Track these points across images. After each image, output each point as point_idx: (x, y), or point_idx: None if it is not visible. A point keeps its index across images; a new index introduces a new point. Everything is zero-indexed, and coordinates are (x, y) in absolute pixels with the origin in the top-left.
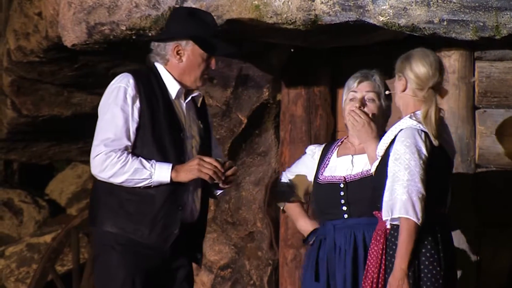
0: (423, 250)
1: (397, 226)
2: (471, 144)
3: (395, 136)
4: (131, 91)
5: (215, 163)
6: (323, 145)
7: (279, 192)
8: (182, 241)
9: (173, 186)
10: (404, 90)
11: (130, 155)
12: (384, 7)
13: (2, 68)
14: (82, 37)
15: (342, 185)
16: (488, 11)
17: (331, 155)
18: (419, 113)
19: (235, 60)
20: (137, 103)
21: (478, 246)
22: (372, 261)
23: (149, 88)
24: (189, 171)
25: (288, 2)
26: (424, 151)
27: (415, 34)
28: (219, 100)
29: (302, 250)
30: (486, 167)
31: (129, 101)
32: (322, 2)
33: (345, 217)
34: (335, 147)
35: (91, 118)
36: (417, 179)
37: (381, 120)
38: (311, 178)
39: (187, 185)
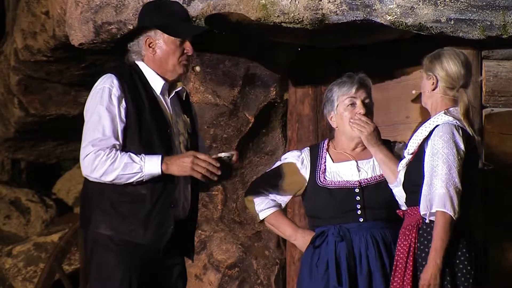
0: (458, 249)
1: (431, 221)
2: (478, 144)
3: (430, 133)
4: (115, 91)
5: (209, 160)
6: (305, 151)
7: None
8: (175, 238)
9: (164, 184)
10: (434, 89)
11: (118, 151)
12: (391, 6)
13: (9, 67)
14: (89, 36)
15: (357, 190)
16: (496, 10)
17: (324, 160)
18: (453, 110)
19: (242, 59)
20: (123, 103)
21: (485, 245)
22: (401, 256)
23: (133, 87)
24: (182, 167)
25: (295, 1)
26: (462, 146)
27: (422, 33)
28: (226, 99)
29: None
30: (493, 166)
31: (115, 101)
32: (329, 1)
33: (361, 221)
34: (324, 152)
35: None
36: (455, 174)
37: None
38: (302, 184)
39: (178, 181)
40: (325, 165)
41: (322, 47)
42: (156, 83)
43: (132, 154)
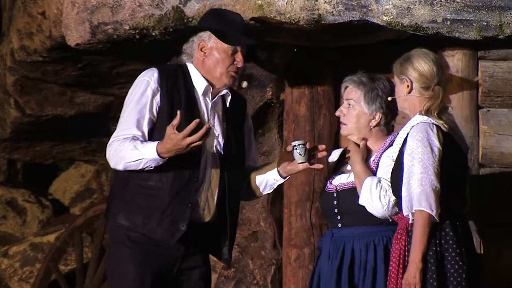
0: (446, 246)
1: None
2: (475, 144)
3: (407, 135)
4: (153, 84)
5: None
6: (341, 150)
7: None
8: (196, 241)
9: (185, 183)
10: (409, 92)
11: (128, 140)
12: (388, 6)
13: (5, 67)
14: (85, 37)
15: (335, 194)
16: (492, 11)
17: (344, 162)
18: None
19: None
20: (157, 97)
21: (481, 245)
22: (394, 260)
23: (173, 84)
24: (168, 141)
25: (291, 1)
26: (437, 143)
27: (418, 33)
28: None
29: (306, 249)
30: (489, 167)
31: (149, 93)
32: (325, 2)
33: (339, 226)
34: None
35: (94, 118)
36: (431, 172)
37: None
38: None
39: (202, 182)
40: (341, 167)
41: (319, 48)
42: (199, 84)
43: (138, 142)
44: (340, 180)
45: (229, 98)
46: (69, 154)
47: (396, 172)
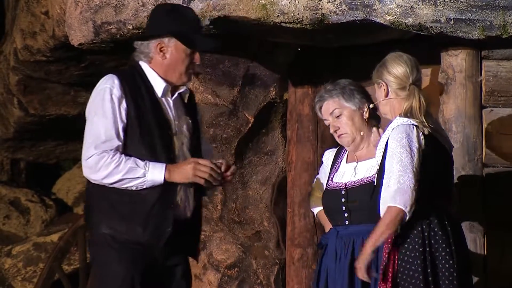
0: (436, 246)
1: (406, 223)
2: (478, 143)
3: (388, 138)
4: (116, 91)
5: (211, 165)
6: (331, 151)
7: (317, 198)
8: (178, 238)
9: (164, 185)
10: (386, 95)
11: (123, 155)
12: (391, 6)
13: (9, 67)
14: (89, 36)
15: (343, 192)
16: (495, 10)
17: (341, 161)
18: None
19: (242, 59)
20: (124, 103)
21: (485, 246)
22: (384, 263)
23: (135, 88)
24: (184, 175)
25: (295, 1)
26: (416, 144)
27: (422, 33)
28: (226, 99)
29: (309, 249)
30: (493, 167)
31: (116, 101)
32: (329, 1)
33: (347, 223)
34: (345, 152)
35: None
36: (409, 171)
37: (366, 122)
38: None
39: (180, 183)
40: (339, 166)
41: (322, 47)
42: (158, 85)
43: (137, 159)
44: (347, 178)
45: (187, 95)
46: (72, 154)
47: (380, 175)
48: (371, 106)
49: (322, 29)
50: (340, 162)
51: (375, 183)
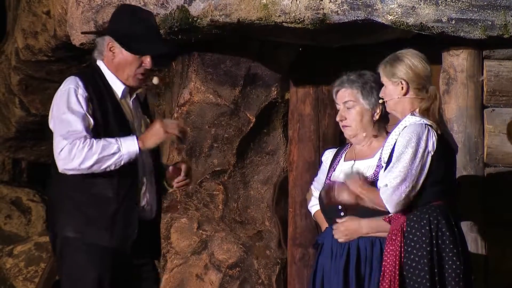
0: (443, 246)
1: (414, 222)
2: (480, 143)
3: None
4: (82, 92)
5: (177, 122)
6: (336, 149)
7: (314, 198)
8: (143, 238)
9: (129, 185)
10: (405, 94)
11: (93, 139)
12: (393, 6)
13: (10, 67)
14: (90, 36)
15: None
16: (497, 10)
17: (340, 159)
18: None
19: (243, 59)
20: (90, 104)
21: (486, 246)
22: (389, 261)
23: (97, 90)
24: (156, 136)
25: (296, 1)
26: (423, 145)
27: (423, 33)
28: (227, 99)
29: (311, 249)
30: (494, 166)
31: (82, 101)
32: (330, 1)
33: None
34: (344, 151)
35: None
36: (410, 174)
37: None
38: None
39: (142, 183)
40: (336, 165)
41: (323, 47)
42: (117, 87)
43: (107, 138)
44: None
45: (143, 96)
46: None
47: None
48: (380, 101)
49: (323, 29)
50: (339, 161)
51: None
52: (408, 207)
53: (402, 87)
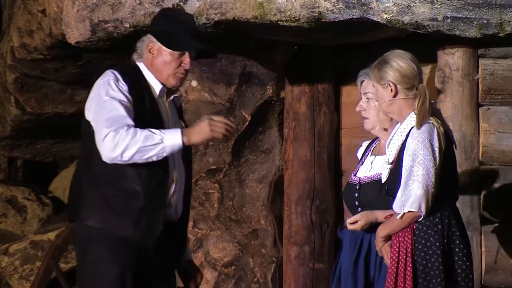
0: (452, 246)
1: (425, 221)
2: (475, 142)
3: (406, 137)
4: (121, 84)
5: (226, 120)
6: (369, 141)
7: None
8: (167, 238)
9: (159, 182)
10: (395, 96)
11: (137, 128)
12: (388, 4)
13: (6, 65)
14: (85, 35)
15: (357, 187)
16: (492, 9)
17: (368, 153)
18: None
19: (239, 58)
20: (129, 95)
21: (482, 243)
22: (395, 259)
23: (135, 84)
24: (201, 133)
25: None
26: (437, 144)
27: (418, 31)
28: (222, 98)
29: (306, 247)
30: (489, 165)
31: (124, 89)
32: (325, 0)
33: None
34: (374, 145)
35: None
36: (432, 174)
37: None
38: None
39: (173, 181)
40: (365, 158)
41: (319, 46)
42: (155, 85)
43: (151, 129)
44: (363, 173)
45: (180, 101)
46: (69, 152)
47: (396, 174)
48: (375, 105)
49: (319, 28)
50: (367, 156)
51: (385, 180)
52: None
53: (391, 89)
